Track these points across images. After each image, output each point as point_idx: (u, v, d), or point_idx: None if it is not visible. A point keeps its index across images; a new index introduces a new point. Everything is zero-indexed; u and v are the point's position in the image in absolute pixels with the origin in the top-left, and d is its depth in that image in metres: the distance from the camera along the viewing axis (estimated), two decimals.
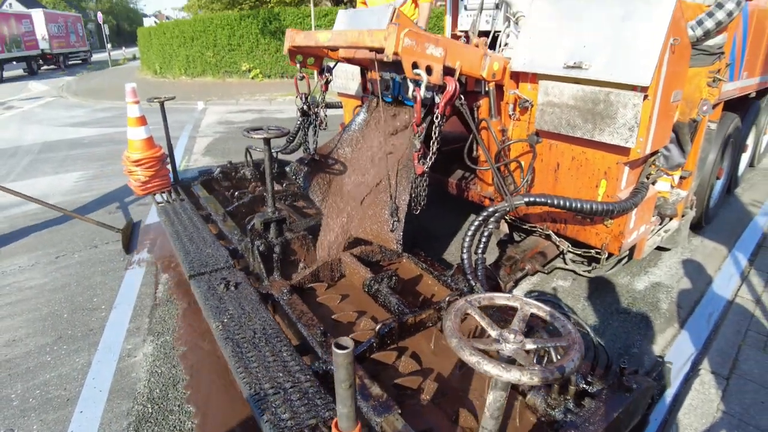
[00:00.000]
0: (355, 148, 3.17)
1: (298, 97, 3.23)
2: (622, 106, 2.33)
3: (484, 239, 2.50)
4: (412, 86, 2.34)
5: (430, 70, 2.28)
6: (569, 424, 1.60)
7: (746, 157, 5.47)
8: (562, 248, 3.10)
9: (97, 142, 8.28)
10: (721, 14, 2.86)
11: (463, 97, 2.53)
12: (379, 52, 2.39)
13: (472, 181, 3.38)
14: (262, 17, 14.54)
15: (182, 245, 2.90)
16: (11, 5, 40.21)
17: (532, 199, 2.52)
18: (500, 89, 2.81)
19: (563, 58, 2.49)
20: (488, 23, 3.97)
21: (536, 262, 3.07)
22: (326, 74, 3.22)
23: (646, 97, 2.27)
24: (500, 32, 3.76)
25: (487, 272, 2.47)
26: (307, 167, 3.05)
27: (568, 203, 2.46)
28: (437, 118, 2.43)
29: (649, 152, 2.53)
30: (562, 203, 2.47)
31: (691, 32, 2.86)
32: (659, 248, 3.68)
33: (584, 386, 1.66)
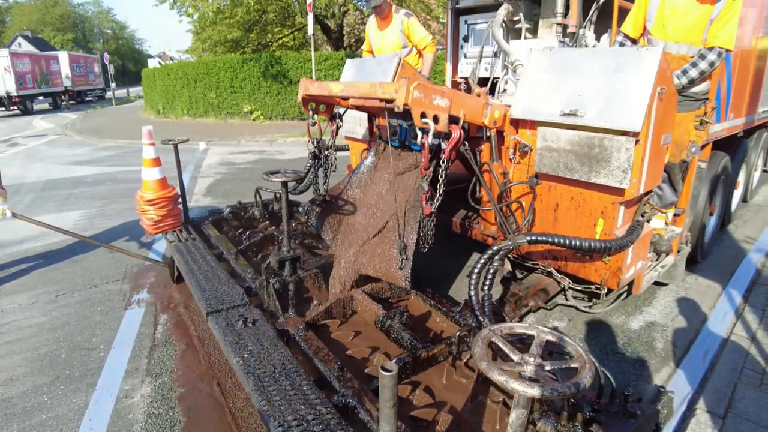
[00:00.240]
0: (363, 189, 3.33)
1: (309, 141, 3.42)
2: (615, 150, 2.50)
3: (489, 276, 2.62)
4: (420, 133, 2.51)
5: (437, 119, 2.46)
6: None
7: (739, 193, 5.67)
8: (563, 285, 3.22)
9: (99, 180, 8.40)
10: (703, 64, 3.09)
11: (467, 143, 2.70)
12: (389, 102, 2.57)
13: (475, 220, 3.53)
14: (264, 61, 15.02)
15: (198, 283, 3.00)
16: (20, 45, 41.80)
17: (534, 237, 2.67)
18: (501, 135, 2.99)
19: (560, 106, 2.68)
20: (487, 70, 4.22)
21: (539, 298, 3.18)
22: (336, 120, 3.41)
23: (637, 141, 2.44)
24: (499, 79, 4.01)
25: (493, 308, 2.58)
26: (319, 207, 3.20)
27: (568, 241, 2.60)
28: (443, 162, 2.59)
29: (642, 192, 2.70)
30: (562, 241, 2.61)
31: (676, 81, 3.08)
32: (656, 283, 3.79)
33: (591, 413, 1.75)
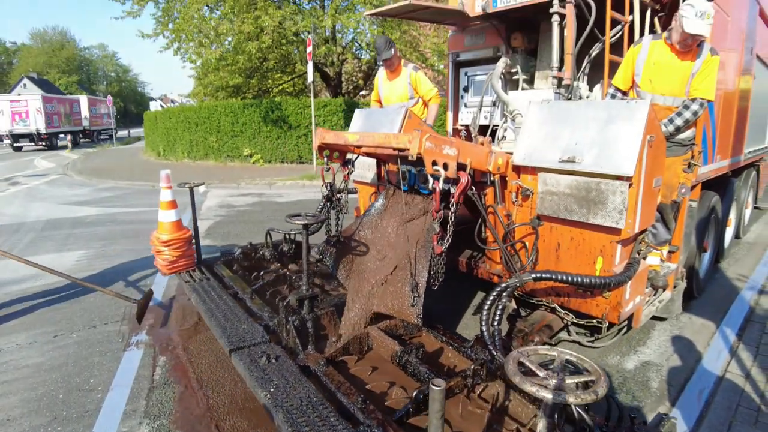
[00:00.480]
0: (374, 230, 3.52)
1: (323, 185, 3.63)
2: (611, 193, 2.72)
3: (498, 312, 2.79)
4: (431, 179, 2.73)
5: (446, 166, 2.68)
6: None
7: (731, 230, 5.91)
8: (566, 321, 3.37)
9: (99, 221, 8.44)
10: (687, 114, 3.38)
11: (473, 187, 2.92)
12: (402, 151, 2.80)
13: (480, 259, 3.71)
14: (264, 106, 15.47)
15: (218, 322, 3.14)
16: (26, 86, 43.28)
17: (538, 275, 2.85)
18: (504, 180, 3.22)
19: (558, 153, 2.92)
20: (486, 118, 4.51)
21: (544, 334, 3.31)
22: (349, 166, 3.64)
23: (631, 185, 2.66)
24: (498, 126, 4.28)
25: (503, 342, 2.73)
26: (333, 248, 3.37)
27: (570, 278, 2.78)
28: (453, 205, 2.80)
29: (637, 231, 2.89)
30: (564, 278, 2.79)
31: (664, 129, 3.35)
32: (656, 318, 3.95)
33: None
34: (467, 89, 4.94)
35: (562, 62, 3.74)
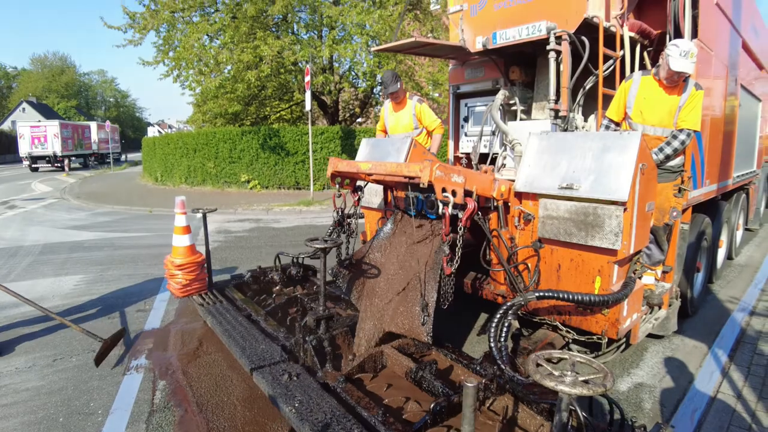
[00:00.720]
0: (384, 253, 3.69)
1: (335, 210, 3.83)
2: (607, 217, 2.93)
3: (505, 329, 2.96)
4: (441, 205, 2.93)
5: (454, 192, 2.89)
6: None
7: (723, 251, 6.12)
8: (567, 339, 3.54)
9: (97, 246, 8.43)
10: (675, 143, 3.64)
11: (480, 212, 3.12)
12: (411, 179, 3.01)
13: (485, 281, 3.89)
14: (263, 134, 15.73)
15: (236, 342, 3.27)
16: (24, 110, 44.07)
17: (541, 293, 3.03)
18: (507, 205, 3.43)
19: (557, 180, 3.14)
20: (486, 147, 4.75)
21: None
22: (359, 192, 3.84)
23: (625, 209, 2.87)
24: (497, 154, 4.52)
25: (510, 359, 2.89)
26: (346, 270, 3.54)
27: (570, 296, 2.96)
28: (461, 229, 3.00)
29: (632, 252, 3.10)
30: (566, 296, 2.97)
31: (655, 157, 3.59)
32: (652, 336, 4.12)
33: None
34: (467, 119, 5.21)
35: (558, 95, 4.00)
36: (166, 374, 3.69)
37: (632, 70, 4.34)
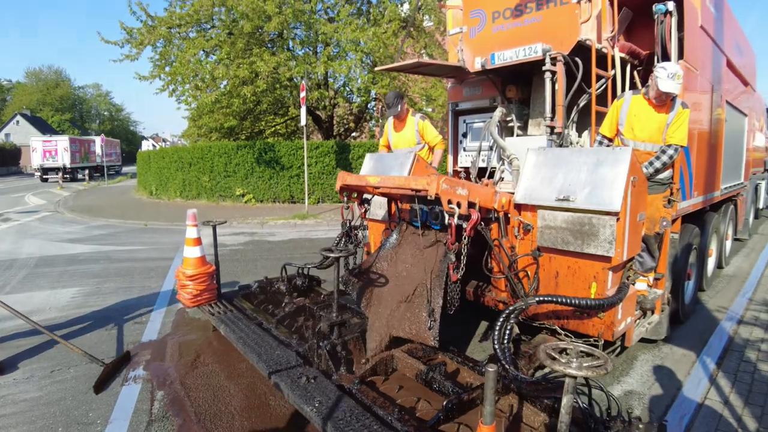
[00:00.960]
0: (390, 263, 3.88)
1: (343, 221, 4.01)
2: (601, 226, 3.14)
3: (507, 332, 3.14)
4: (447, 216, 3.13)
5: (459, 204, 3.09)
6: None
7: (713, 260, 6.35)
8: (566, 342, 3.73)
9: (93, 258, 8.42)
10: (664, 158, 3.88)
11: (482, 222, 3.32)
12: (418, 191, 3.21)
13: (486, 288, 4.07)
14: (258, 148, 15.88)
15: (252, 349, 3.42)
16: (18, 123, 44.40)
17: (541, 298, 3.23)
18: (507, 216, 3.63)
19: (554, 193, 3.35)
20: (484, 161, 4.97)
21: None
22: (365, 205, 4.03)
23: (618, 219, 3.09)
24: (495, 168, 4.74)
25: (512, 360, 3.07)
26: (355, 278, 3.72)
27: (569, 300, 3.16)
28: (465, 238, 3.19)
29: (626, 259, 3.31)
30: (564, 301, 3.17)
31: (645, 170, 3.82)
32: (646, 340, 4.31)
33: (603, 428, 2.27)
34: (466, 135, 5.44)
35: (554, 112, 4.23)
36: (164, 385, 3.72)
37: (623, 88, 4.59)
